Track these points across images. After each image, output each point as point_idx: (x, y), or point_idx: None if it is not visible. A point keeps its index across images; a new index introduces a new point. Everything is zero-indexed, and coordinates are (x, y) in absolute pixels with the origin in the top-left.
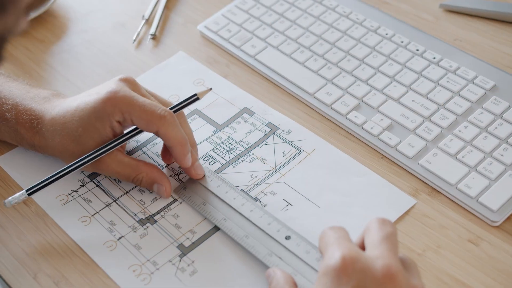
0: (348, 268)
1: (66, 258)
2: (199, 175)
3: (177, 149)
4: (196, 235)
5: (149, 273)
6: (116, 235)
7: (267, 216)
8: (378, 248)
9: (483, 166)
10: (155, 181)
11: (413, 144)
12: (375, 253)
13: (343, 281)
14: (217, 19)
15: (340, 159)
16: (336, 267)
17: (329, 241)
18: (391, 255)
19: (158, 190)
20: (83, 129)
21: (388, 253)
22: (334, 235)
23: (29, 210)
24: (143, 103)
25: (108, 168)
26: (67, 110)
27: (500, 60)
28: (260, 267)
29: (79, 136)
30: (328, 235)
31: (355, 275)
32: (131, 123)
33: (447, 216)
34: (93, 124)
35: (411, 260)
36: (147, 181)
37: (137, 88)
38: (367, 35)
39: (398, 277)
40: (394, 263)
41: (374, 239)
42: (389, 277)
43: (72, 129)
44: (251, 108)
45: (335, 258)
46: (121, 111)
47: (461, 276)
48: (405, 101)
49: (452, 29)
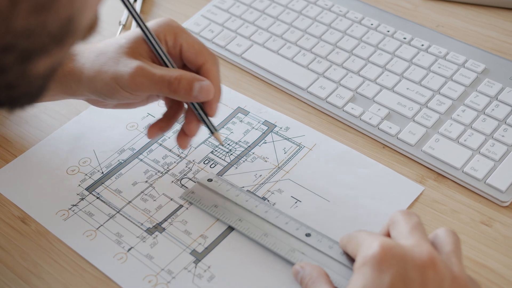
0: (387, 256)
1: (76, 275)
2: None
3: (215, 91)
4: (208, 240)
5: (166, 283)
6: (125, 246)
7: (284, 216)
8: (411, 238)
9: (486, 148)
10: (195, 78)
11: (414, 131)
12: (410, 242)
13: (384, 269)
14: (197, 20)
15: (342, 152)
16: (376, 255)
17: (361, 237)
18: (427, 243)
19: (201, 88)
20: (130, 42)
21: (424, 241)
22: (364, 232)
23: (29, 229)
24: (195, 36)
25: (147, 71)
26: (106, 40)
27: (484, 43)
28: (280, 266)
29: (123, 44)
30: (357, 234)
31: (395, 263)
32: (178, 51)
33: (457, 200)
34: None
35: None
36: (187, 77)
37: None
38: (352, 27)
39: (438, 263)
40: (432, 250)
41: (403, 231)
42: (430, 263)
43: (114, 42)
44: (244, 107)
45: (374, 247)
46: (175, 34)
47: (480, 258)
48: (399, 89)
49: (433, 16)
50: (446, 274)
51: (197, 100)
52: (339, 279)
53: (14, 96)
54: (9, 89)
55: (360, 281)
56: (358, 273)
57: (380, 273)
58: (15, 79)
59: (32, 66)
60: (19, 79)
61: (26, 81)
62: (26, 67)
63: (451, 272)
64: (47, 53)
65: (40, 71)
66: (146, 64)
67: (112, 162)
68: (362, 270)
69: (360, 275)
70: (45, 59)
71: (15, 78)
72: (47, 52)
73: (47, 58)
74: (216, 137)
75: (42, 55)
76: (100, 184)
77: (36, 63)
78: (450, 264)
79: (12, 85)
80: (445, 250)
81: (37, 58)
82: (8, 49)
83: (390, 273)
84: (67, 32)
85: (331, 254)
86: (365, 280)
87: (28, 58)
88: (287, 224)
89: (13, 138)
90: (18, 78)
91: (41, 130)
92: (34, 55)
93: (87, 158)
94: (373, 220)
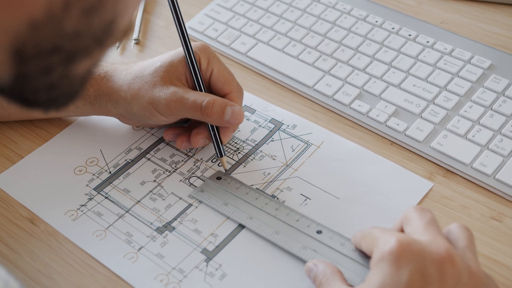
0: (405, 251)
1: (86, 275)
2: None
3: (234, 121)
4: (218, 238)
5: (177, 282)
6: (135, 246)
7: (294, 213)
8: (426, 234)
9: (495, 144)
10: (227, 103)
11: (422, 128)
12: (426, 238)
13: (402, 264)
14: (201, 19)
15: (350, 149)
16: (393, 251)
17: (376, 233)
18: (443, 238)
19: (233, 112)
20: (165, 66)
21: (440, 237)
22: (378, 229)
23: (38, 229)
24: (225, 65)
25: (182, 97)
26: (142, 62)
27: (489, 40)
28: (292, 263)
29: (158, 67)
30: (371, 231)
31: (413, 258)
32: (208, 76)
33: (466, 196)
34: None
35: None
36: (220, 103)
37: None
38: (357, 24)
39: (456, 259)
40: (449, 245)
41: (417, 227)
42: (448, 259)
43: (150, 65)
44: (251, 105)
45: (391, 243)
46: (208, 59)
47: (491, 254)
48: (406, 86)
49: (436, 13)
50: (463, 269)
51: (229, 124)
52: (352, 276)
53: (54, 96)
54: (51, 89)
55: (378, 277)
56: (375, 269)
57: (398, 269)
58: (58, 79)
59: (75, 67)
60: (62, 80)
61: (67, 82)
62: (69, 68)
63: (468, 267)
64: (89, 54)
65: (81, 72)
66: (180, 89)
67: (120, 162)
68: (380, 265)
69: (378, 271)
70: (87, 60)
71: (58, 79)
72: (90, 53)
73: (88, 59)
74: (222, 161)
75: (85, 56)
76: (108, 184)
77: (78, 64)
78: (466, 259)
79: (54, 85)
80: (460, 246)
81: (80, 59)
82: (56, 50)
83: (408, 268)
84: (108, 34)
85: (343, 251)
86: (383, 275)
87: (73, 59)
88: (298, 221)
89: (19, 139)
90: (61, 79)
91: (47, 131)
92: (78, 56)
93: (94, 158)
94: (383, 217)
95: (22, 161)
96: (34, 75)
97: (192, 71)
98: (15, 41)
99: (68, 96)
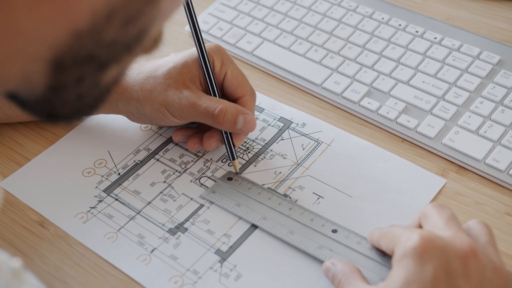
0: (429, 246)
1: (99, 278)
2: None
3: (246, 129)
4: (232, 239)
5: (192, 283)
6: (148, 248)
7: (308, 213)
8: (447, 230)
9: (507, 139)
10: (239, 112)
11: (433, 124)
12: (447, 234)
13: (426, 260)
14: (205, 18)
15: (361, 147)
16: (417, 247)
17: (396, 231)
18: (465, 234)
19: (245, 121)
20: (178, 67)
21: (462, 232)
22: (397, 226)
23: (48, 233)
24: (239, 68)
25: (194, 103)
26: (154, 62)
27: (497, 35)
28: (307, 263)
29: (171, 68)
30: (391, 229)
31: (437, 254)
32: (221, 78)
33: (480, 192)
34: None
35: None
36: (232, 111)
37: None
38: (363, 21)
39: (480, 254)
40: (472, 241)
41: (438, 223)
42: (472, 254)
43: (163, 65)
44: (259, 104)
45: (414, 239)
46: (222, 61)
47: (507, 249)
48: (415, 83)
49: (442, 9)
50: (487, 264)
51: (241, 131)
52: (371, 275)
53: (79, 107)
54: (79, 100)
55: (402, 273)
56: (398, 265)
57: (423, 264)
58: (87, 89)
59: (105, 75)
60: (90, 90)
61: (95, 91)
62: (100, 77)
63: (492, 263)
64: (119, 62)
65: (109, 81)
66: (194, 94)
67: (128, 163)
68: (403, 262)
69: (401, 267)
70: (116, 68)
71: (87, 89)
72: (120, 61)
73: (117, 67)
74: (234, 165)
75: (115, 64)
76: (118, 185)
77: (108, 72)
78: (489, 255)
79: (83, 96)
80: (481, 241)
81: (110, 67)
82: (91, 59)
83: (432, 264)
84: (139, 42)
85: (360, 250)
86: (407, 271)
87: (105, 68)
88: (312, 220)
89: (24, 141)
90: (90, 88)
91: (53, 132)
92: (109, 64)
93: (103, 160)
94: (397, 214)
95: (29, 163)
96: (66, 86)
97: (206, 75)
98: (56, 52)
99: (91, 106)
